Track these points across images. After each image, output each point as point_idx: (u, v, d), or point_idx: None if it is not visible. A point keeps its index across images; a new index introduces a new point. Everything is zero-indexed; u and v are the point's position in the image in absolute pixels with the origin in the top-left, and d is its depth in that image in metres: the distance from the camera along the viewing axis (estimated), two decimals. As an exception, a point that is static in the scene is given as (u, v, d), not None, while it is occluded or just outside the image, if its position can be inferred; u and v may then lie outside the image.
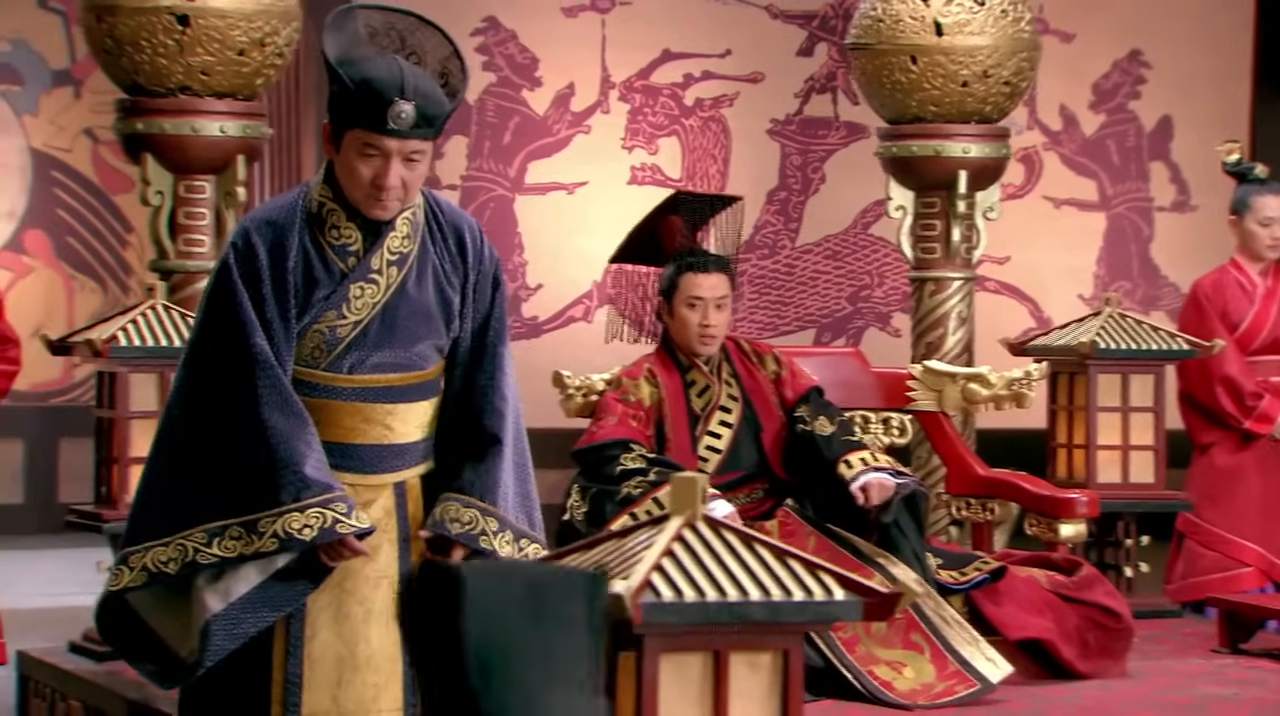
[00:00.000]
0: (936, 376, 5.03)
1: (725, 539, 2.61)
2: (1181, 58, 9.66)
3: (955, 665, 4.42)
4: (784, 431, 4.70)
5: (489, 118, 9.31)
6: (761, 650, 2.57)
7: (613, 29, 9.35)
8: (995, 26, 5.89)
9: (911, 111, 5.95)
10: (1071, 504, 4.85)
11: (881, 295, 9.67)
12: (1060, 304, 9.63)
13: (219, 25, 5.13)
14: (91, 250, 9.76)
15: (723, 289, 4.68)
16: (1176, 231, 9.81)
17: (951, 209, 5.95)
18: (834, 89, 9.55)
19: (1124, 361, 5.59)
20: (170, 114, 5.17)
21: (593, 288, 9.37)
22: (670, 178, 9.41)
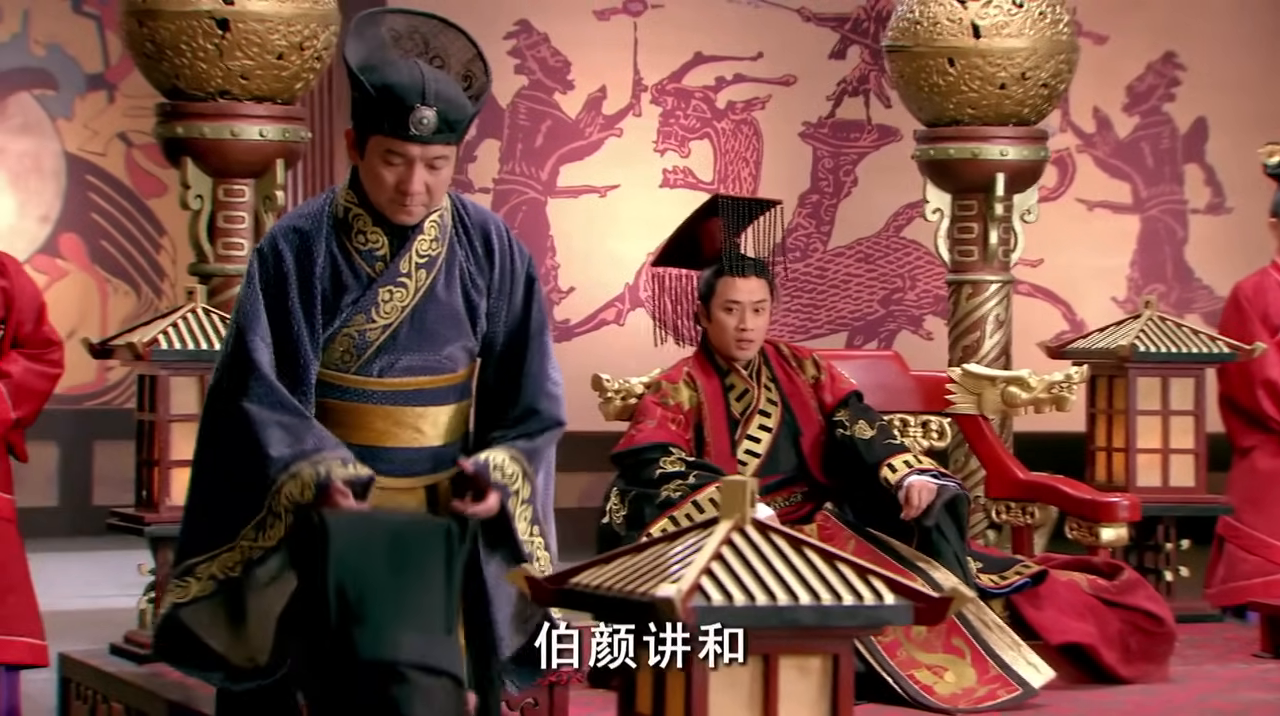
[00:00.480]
0: (976, 379, 5.02)
1: (774, 542, 2.61)
2: (1216, 59, 9.62)
3: (997, 669, 4.40)
4: (823, 435, 4.69)
5: (521, 121, 9.32)
6: (811, 654, 2.56)
7: (645, 32, 9.35)
8: (1034, 28, 5.87)
9: (949, 114, 5.94)
10: (1113, 507, 4.83)
11: (914, 298, 9.66)
12: (1094, 307, 9.60)
13: (258, 29, 5.14)
14: (125, 254, 9.80)
15: (760, 293, 4.68)
16: (1211, 234, 9.78)
17: (989, 212, 5.93)
18: (866, 92, 9.53)
19: (1164, 364, 5.56)
20: (210, 118, 5.19)
21: (624, 290, 9.37)
22: (702, 180, 9.41)
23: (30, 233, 9.59)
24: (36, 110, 9.69)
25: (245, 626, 3.14)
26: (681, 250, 4.92)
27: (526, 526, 3.34)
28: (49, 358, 4.59)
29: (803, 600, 2.53)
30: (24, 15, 9.63)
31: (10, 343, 4.63)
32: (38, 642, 4.59)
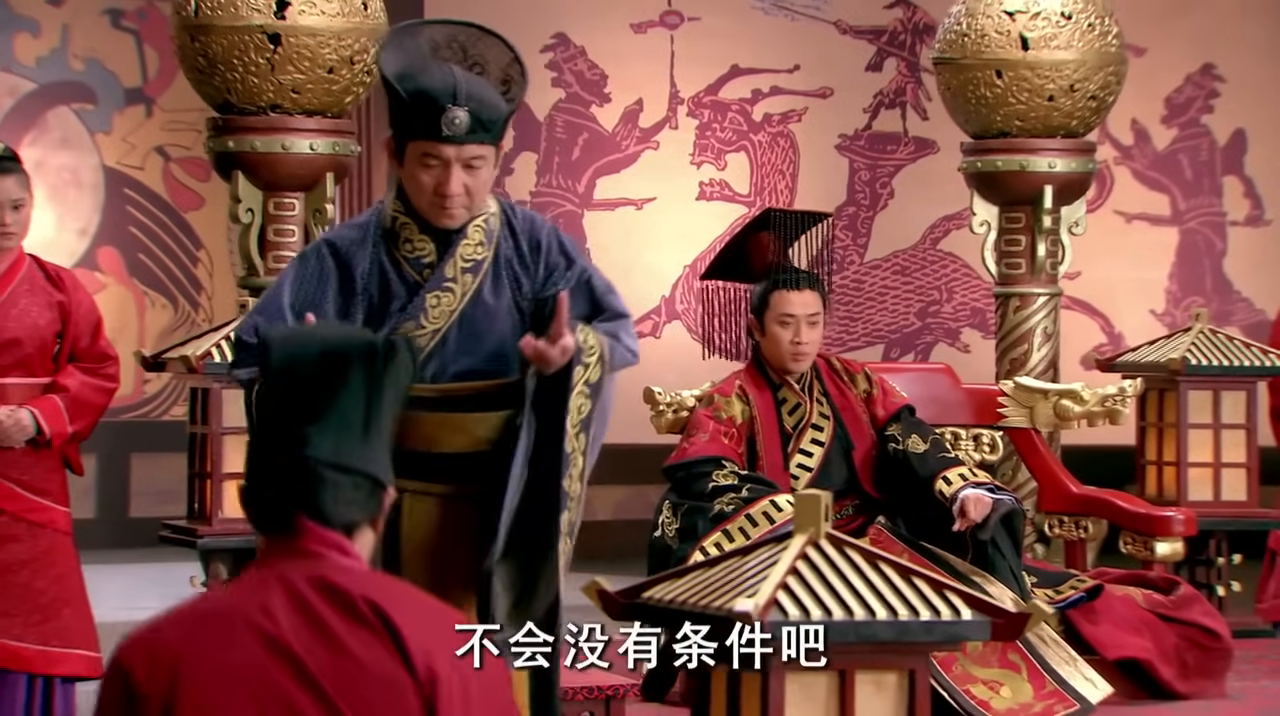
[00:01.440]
0: (1028, 393, 5.00)
1: (849, 556, 2.60)
2: (1255, 71, 9.59)
3: (1053, 684, 4.38)
4: (874, 449, 4.68)
5: (558, 133, 9.32)
6: (887, 670, 2.55)
7: (681, 45, 9.35)
8: (1082, 41, 5.86)
9: (996, 126, 5.92)
10: (1168, 522, 4.80)
11: (950, 310, 9.63)
12: (1132, 319, 9.56)
13: (309, 44, 5.16)
14: (163, 267, 9.82)
15: (815, 306, 4.67)
16: (1250, 246, 9.73)
17: (1037, 224, 5.91)
18: (903, 104, 9.51)
19: (1216, 378, 5.54)
20: (261, 132, 5.20)
21: (661, 303, 9.35)
22: (739, 193, 9.40)
23: (69, 246, 9.61)
24: (75, 124, 9.72)
25: None
26: (730, 264, 4.91)
27: (577, 417, 3.37)
28: (105, 372, 4.60)
29: (880, 615, 2.52)
30: (63, 30, 9.66)
31: (67, 356, 4.64)
32: (93, 655, 4.60)
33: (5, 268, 4.62)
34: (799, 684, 2.52)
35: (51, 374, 4.61)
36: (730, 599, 2.54)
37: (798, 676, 2.52)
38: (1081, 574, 4.71)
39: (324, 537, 2.21)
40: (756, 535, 4.47)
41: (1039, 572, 4.62)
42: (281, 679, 2.15)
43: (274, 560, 2.22)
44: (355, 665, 2.16)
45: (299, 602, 2.18)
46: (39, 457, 4.56)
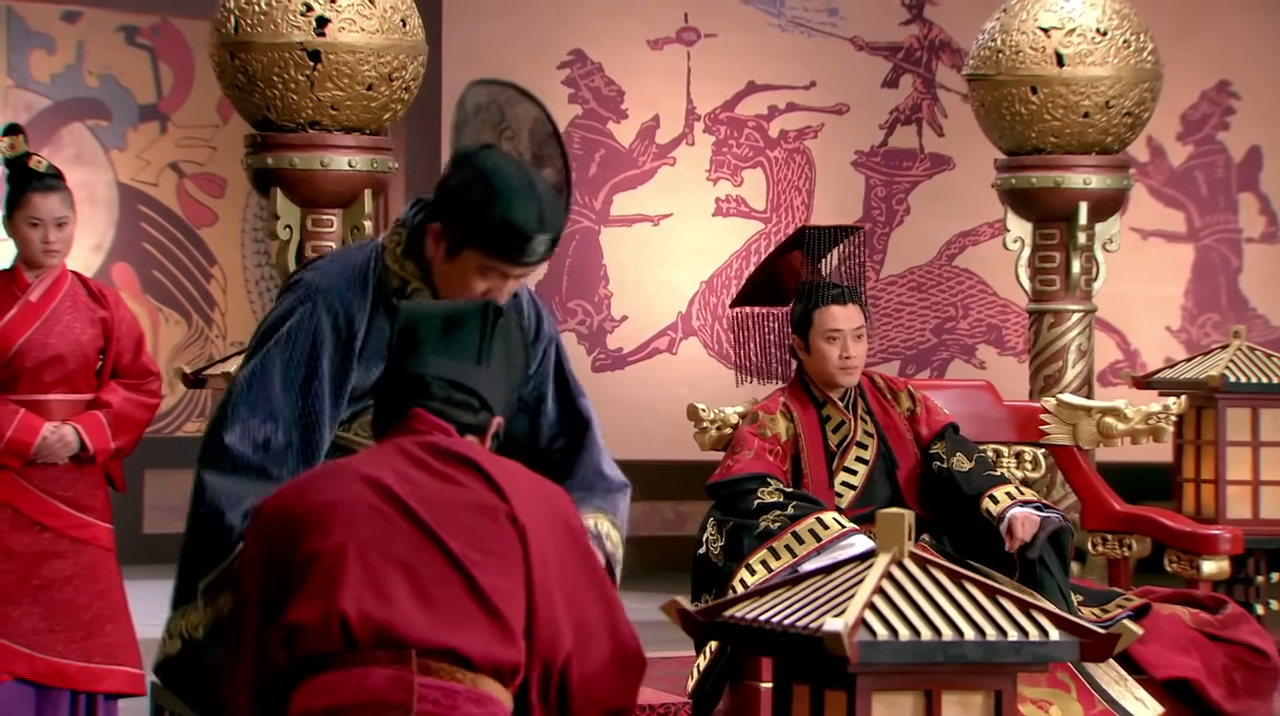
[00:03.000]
0: (1071, 410, 4.98)
1: (934, 576, 2.58)
2: (1270, 87, 9.60)
3: (1103, 704, 4.36)
4: (918, 468, 4.66)
5: (575, 149, 9.32)
6: (974, 690, 2.53)
7: (698, 61, 9.35)
8: (1118, 57, 5.85)
9: (1031, 142, 5.91)
10: (1214, 540, 4.78)
11: (966, 327, 9.62)
12: (1148, 336, 9.56)
13: (349, 60, 5.14)
14: (176, 283, 9.80)
15: (859, 319, 4.65)
16: (1266, 262, 9.73)
17: (1071, 241, 5.90)
18: (919, 120, 9.51)
19: (1255, 395, 5.53)
20: (300, 148, 5.19)
21: (677, 319, 9.35)
22: (755, 209, 9.39)
23: (84, 262, 9.59)
24: (90, 141, 9.71)
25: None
26: (762, 288, 4.89)
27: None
28: (147, 388, 4.59)
29: (968, 635, 2.50)
30: (78, 47, 9.65)
31: (110, 373, 4.63)
32: (136, 671, 4.59)
33: (49, 284, 4.61)
34: (885, 703, 2.50)
35: (94, 390, 4.61)
36: (816, 618, 2.52)
37: (884, 696, 2.50)
38: (1128, 592, 4.69)
39: (433, 423, 2.67)
40: (802, 552, 4.45)
41: (1086, 591, 4.60)
42: (380, 503, 2.59)
43: (388, 439, 2.68)
44: (453, 487, 2.60)
45: (406, 454, 2.63)
46: (82, 474, 4.55)
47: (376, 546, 2.55)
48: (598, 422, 3.37)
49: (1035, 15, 5.85)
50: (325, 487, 2.63)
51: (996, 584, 4.29)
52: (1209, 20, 9.29)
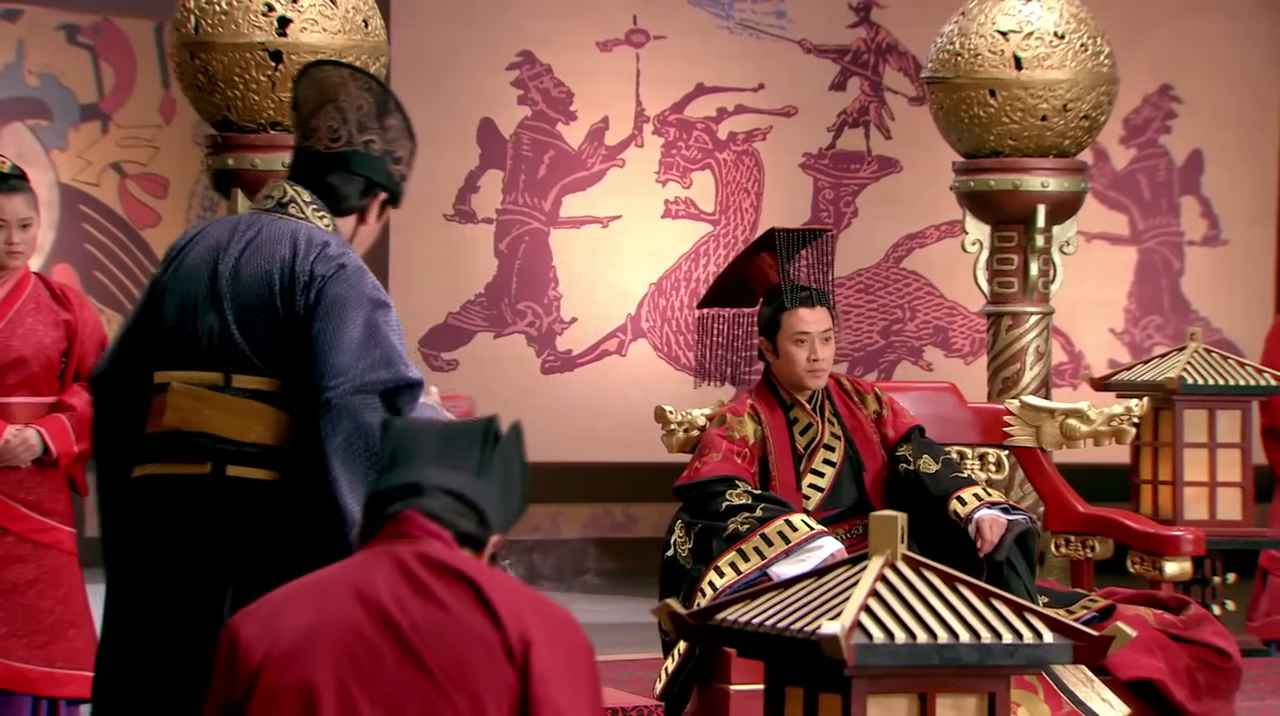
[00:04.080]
0: (1034, 412, 5.00)
1: (927, 578, 2.58)
2: (1211, 91, 9.68)
3: (1070, 705, 4.38)
4: (885, 469, 4.68)
5: (524, 151, 9.29)
6: (968, 693, 2.54)
7: (647, 63, 9.34)
8: (1075, 60, 5.88)
9: (989, 145, 5.93)
10: (1177, 541, 4.81)
11: (914, 329, 9.66)
12: (1091, 338, 9.62)
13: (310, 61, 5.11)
14: (119, 284, 9.72)
15: (827, 322, 4.66)
16: (1207, 265, 9.81)
17: (1029, 243, 5.93)
18: (866, 123, 9.55)
19: (1211, 397, 5.57)
20: (261, 149, 5.15)
21: (627, 321, 9.34)
22: (704, 211, 9.40)
23: (25, 263, 9.51)
24: (30, 141, 9.60)
25: None
26: (729, 290, 4.89)
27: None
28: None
29: (963, 637, 2.50)
30: (18, 46, 9.55)
31: (73, 375, 4.58)
32: (98, 678, 4.53)
33: (11, 286, 4.56)
34: (880, 706, 2.50)
35: (57, 393, 4.56)
36: (811, 621, 2.51)
37: (879, 698, 2.50)
38: (1092, 594, 4.71)
39: (428, 528, 2.37)
40: (771, 554, 4.46)
41: (1050, 593, 4.62)
42: (370, 630, 2.30)
43: (380, 543, 2.38)
44: (447, 617, 2.29)
45: (401, 569, 2.33)
46: (45, 477, 4.50)
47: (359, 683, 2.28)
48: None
49: (993, 19, 5.88)
50: (309, 606, 2.33)
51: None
52: (1151, 25, 9.37)
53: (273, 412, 3.27)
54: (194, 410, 3.28)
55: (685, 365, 9.34)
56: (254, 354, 3.28)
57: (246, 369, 3.29)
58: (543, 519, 9.23)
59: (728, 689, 4.47)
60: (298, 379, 3.26)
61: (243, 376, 3.29)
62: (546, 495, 9.13)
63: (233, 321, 3.29)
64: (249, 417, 3.26)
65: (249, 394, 3.28)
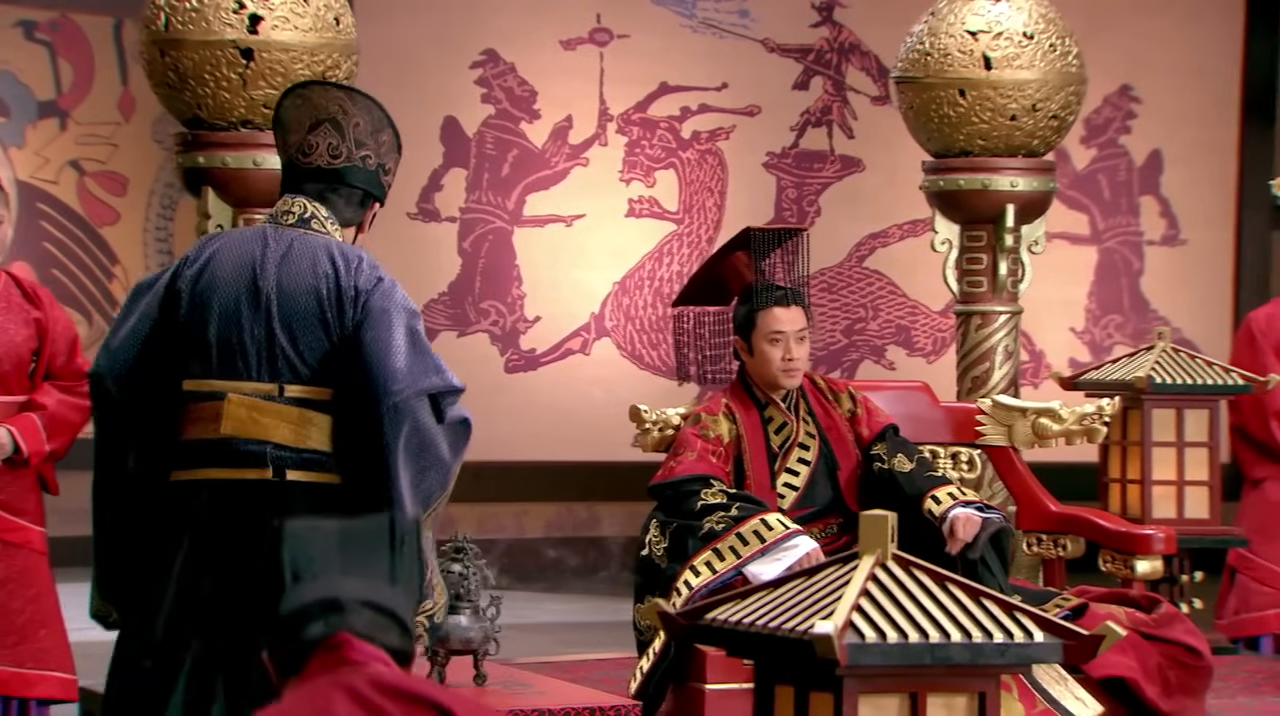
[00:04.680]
0: (1006, 411, 5.02)
1: (918, 578, 2.58)
2: (1171, 92, 9.73)
3: (1044, 704, 4.40)
4: (859, 468, 4.68)
5: (488, 150, 9.27)
6: (959, 692, 2.54)
7: (610, 62, 9.34)
8: (1044, 60, 5.90)
9: (959, 145, 5.95)
10: (1148, 540, 4.84)
11: (876, 328, 9.68)
12: (1052, 337, 9.66)
13: (282, 59, 5.08)
14: (77, 282, 9.65)
15: (802, 321, 4.67)
16: (1166, 265, 9.87)
17: (998, 243, 5.94)
18: (829, 122, 9.56)
19: (1180, 396, 5.59)
20: (232, 147, 5.12)
21: (590, 319, 9.33)
22: (667, 210, 9.39)
23: (-18, 261, 9.45)
24: (-12, 138, 9.55)
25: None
26: (704, 288, 4.89)
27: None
28: (82, 390, 4.51)
29: (954, 637, 2.50)
30: (-25, 42, 9.49)
31: (44, 374, 4.55)
32: (68, 677, 4.51)
33: (-18, 285, 4.52)
34: (871, 705, 2.50)
35: (28, 392, 4.52)
36: (802, 621, 2.51)
37: (870, 698, 2.50)
38: (1065, 592, 4.73)
39: (366, 651, 2.27)
40: (747, 553, 4.46)
41: (1024, 591, 4.63)
42: None
43: (322, 673, 2.26)
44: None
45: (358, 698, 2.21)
46: (15, 476, 4.47)
47: None
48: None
49: (963, 19, 5.89)
50: None
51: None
52: (1111, 26, 9.41)
53: (326, 420, 3.48)
54: (251, 419, 3.46)
55: (649, 364, 9.34)
56: (304, 364, 3.48)
57: (298, 379, 3.49)
58: (506, 518, 9.21)
59: (703, 688, 4.47)
60: (354, 386, 3.47)
61: (294, 386, 3.49)
62: (510, 494, 9.11)
63: (280, 333, 3.49)
64: (305, 426, 3.45)
65: (302, 402, 3.48)
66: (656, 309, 9.29)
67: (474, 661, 4.24)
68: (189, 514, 3.49)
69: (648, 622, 4.47)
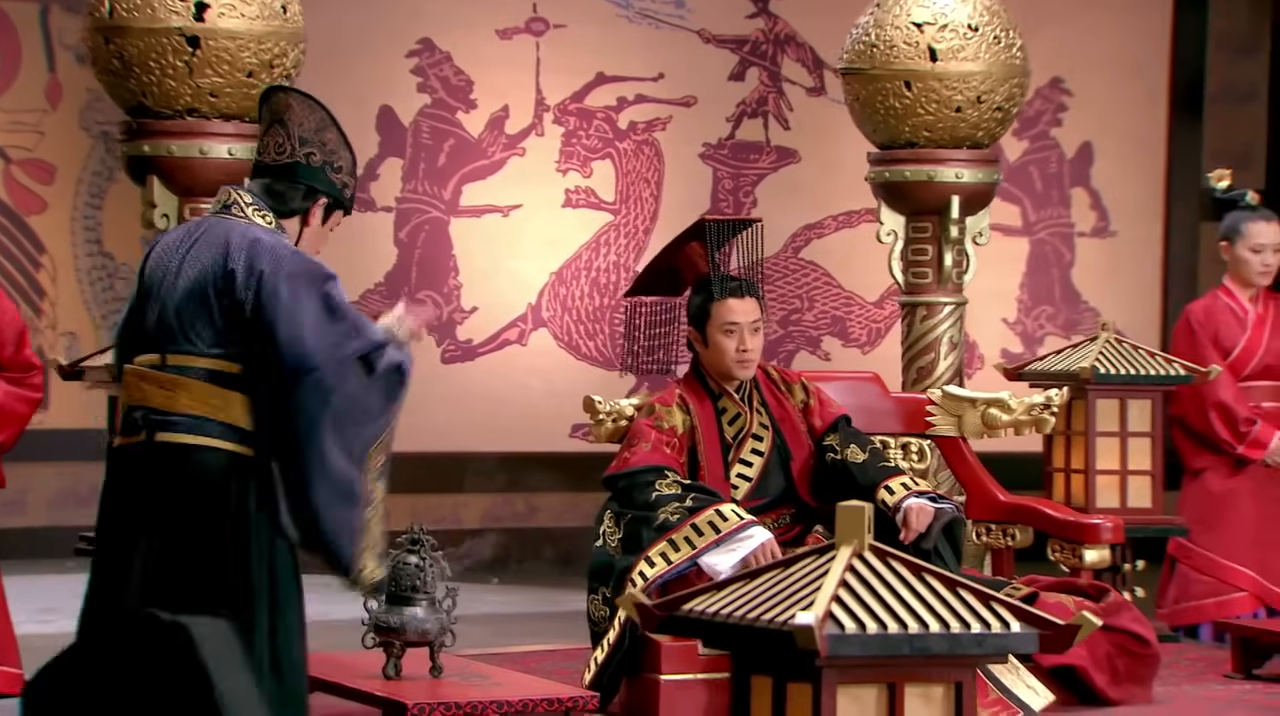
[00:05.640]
0: (956, 401, 5.05)
1: (895, 568, 2.59)
2: (1101, 85, 9.81)
3: (996, 693, 4.43)
4: (812, 459, 4.70)
5: (424, 139, 9.22)
6: (935, 682, 2.55)
7: (547, 52, 9.31)
8: (989, 52, 5.93)
9: (904, 136, 5.97)
10: (1096, 529, 4.88)
11: (812, 319, 9.71)
12: (985, 328, 9.72)
13: (229, 47, 5.04)
14: (3, 272, 9.53)
15: (756, 313, 4.68)
16: (1096, 256, 9.95)
17: (944, 234, 5.96)
18: (765, 114, 9.58)
19: (1123, 387, 5.64)
20: (178, 136, 5.07)
21: (527, 310, 9.31)
22: (604, 201, 9.38)
23: (-95, 249, 9.30)
24: (-87, 126, 9.41)
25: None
26: (658, 278, 4.89)
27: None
28: (30, 382, 4.46)
29: (933, 628, 2.51)
30: (-98, 27, 9.34)
31: (-9, 366, 4.49)
32: (14, 671, 4.45)
33: (-72, 275, 4.45)
34: (849, 696, 2.51)
35: (-25, 384, 4.46)
36: (780, 612, 2.51)
37: (848, 688, 2.51)
38: (1015, 581, 4.77)
39: None
40: (702, 544, 4.46)
41: (974, 581, 4.66)
42: None
43: None
44: None
45: None
46: (-38, 470, 4.40)
47: None
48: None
49: (909, 10, 5.91)
50: None
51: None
52: (1044, 20, 9.47)
53: (200, 386, 3.69)
54: (136, 387, 3.71)
55: (586, 354, 9.33)
56: (184, 337, 3.70)
57: (178, 349, 3.71)
58: (444, 509, 9.18)
59: (658, 678, 4.47)
60: (272, 365, 3.65)
61: (175, 355, 3.71)
62: (447, 485, 9.08)
63: (170, 309, 3.72)
64: (174, 390, 3.67)
65: (180, 369, 3.69)
66: (593, 299, 9.27)
67: (430, 653, 4.22)
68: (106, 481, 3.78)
69: (601, 614, 4.47)
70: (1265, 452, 5.89)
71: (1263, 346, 5.96)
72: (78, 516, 7.72)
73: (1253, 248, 6.04)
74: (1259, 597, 5.84)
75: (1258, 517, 5.88)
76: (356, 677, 4.22)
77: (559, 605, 7.42)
